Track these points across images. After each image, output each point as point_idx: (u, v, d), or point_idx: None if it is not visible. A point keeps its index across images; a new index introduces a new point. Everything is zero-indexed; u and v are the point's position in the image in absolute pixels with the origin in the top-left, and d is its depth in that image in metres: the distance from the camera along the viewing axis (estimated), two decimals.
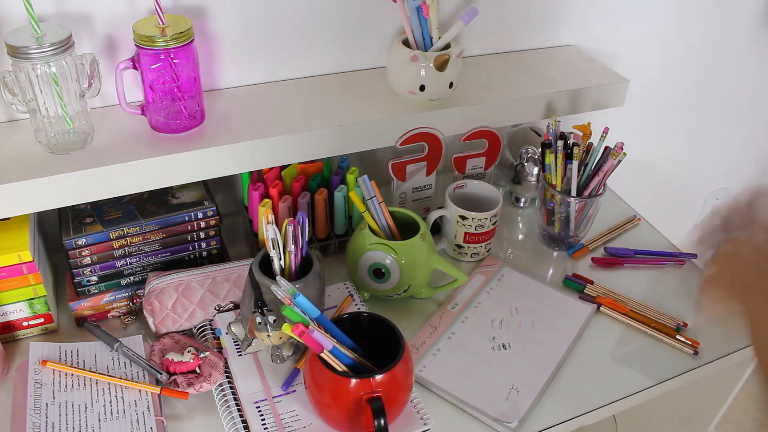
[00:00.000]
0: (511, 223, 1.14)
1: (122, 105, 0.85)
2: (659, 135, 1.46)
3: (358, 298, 0.93)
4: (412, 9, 0.93)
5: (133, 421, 0.76)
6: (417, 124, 0.97)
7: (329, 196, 0.98)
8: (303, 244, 0.81)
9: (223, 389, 0.81)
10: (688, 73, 1.38)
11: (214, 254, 0.95)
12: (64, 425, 0.75)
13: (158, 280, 0.88)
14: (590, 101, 1.09)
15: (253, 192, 0.95)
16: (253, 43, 0.95)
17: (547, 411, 0.82)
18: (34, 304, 0.85)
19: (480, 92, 1.02)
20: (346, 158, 1.01)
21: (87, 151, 0.83)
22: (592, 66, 1.14)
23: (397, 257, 0.89)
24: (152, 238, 0.89)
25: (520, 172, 1.12)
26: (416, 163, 1.02)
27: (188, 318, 0.87)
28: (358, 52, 1.03)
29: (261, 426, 0.76)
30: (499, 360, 0.87)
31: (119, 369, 0.82)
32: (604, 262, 1.05)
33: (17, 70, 0.76)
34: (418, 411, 0.79)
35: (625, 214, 1.17)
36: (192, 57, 0.84)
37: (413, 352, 0.87)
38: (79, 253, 0.85)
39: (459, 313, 0.94)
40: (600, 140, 0.98)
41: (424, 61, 0.93)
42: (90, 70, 0.81)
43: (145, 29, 0.80)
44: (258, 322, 0.78)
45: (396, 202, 1.04)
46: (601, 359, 0.89)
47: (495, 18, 1.09)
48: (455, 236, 1.01)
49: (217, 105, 0.94)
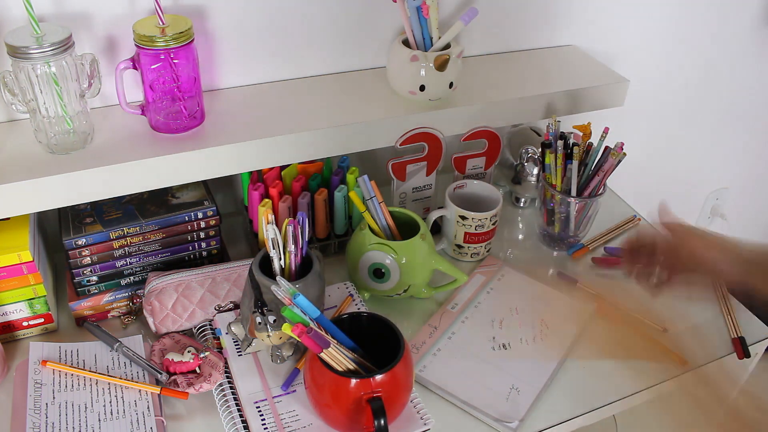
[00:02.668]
0: (511, 223, 1.14)
1: (122, 105, 0.85)
2: (659, 135, 1.46)
3: (358, 298, 0.93)
4: (412, 9, 0.93)
5: (133, 421, 0.76)
6: (417, 124, 0.97)
7: (329, 196, 0.98)
8: (303, 244, 0.81)
9: (223, 389, 0.81)
10: (688, 73, 1.38)
11: (214, 254, 0.95)
12: (64, 425, 0.75)
13: (158, 280, 0.88)
14: (590, 101, 1.09)
15: (253, 192, 0.95)
16: (253, 43, 0.95)
17: (547, 411, 0.82)
18: (34, 304, 0.85)
19: (480, 92, 1.02)
20: (346, 158, 1.01)
21: (87, 151, 0.83)
22: (592, 66, 1.14)
23: (397, 257, 0.89)
24: (152, 238, 0.89)
25: (520, 172, 1.12)
26: (416, 163, 1.02)
27: (188, 318, 0.87)
28: (358, 52, 1.03)
29: (261, 426, 0.76)
30: (499, 360, 0.87)
31: (119, 369, 0.82)
32: (604, 262, 1.05)
33: (17, 70, 0.76)
34: (418, 411, 0.79)
35: (625, 214, 1.17)
36: (192, 57, 0.84)
37: (413, 352, 0.87)
38: (79, 253, 0.85)
39: (459, 313, 0.94)
40: (600, 140, 0.98)
41: (424, 61, 0.93)
42: (90, 70, 0.81)
43: (145, 29, 0.80)
44: (258, 322, 0.78)
45: (396, 202, 1.04)
46: (601, 359, 0.89)
47: (495, 18, 1.09)
48: (455, 236, 1.01)
49: (217, 105, 0.94)
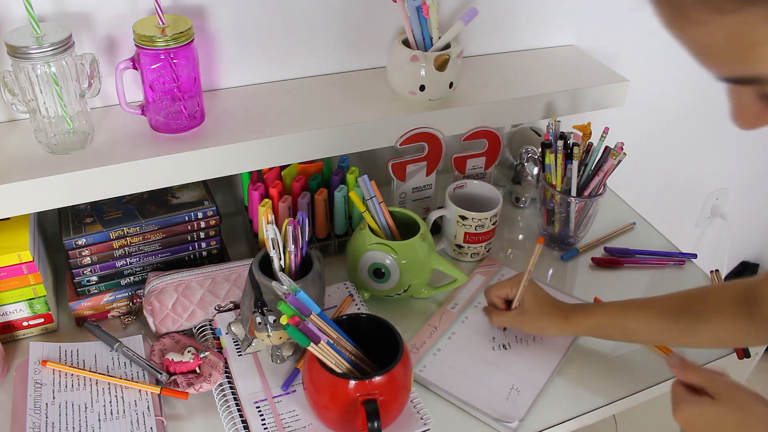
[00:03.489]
0: (511, 223, 1.14)
1: (122, 105, 0.85)
2: (659, 135, 1.46)
3: (358, 298, 0.93)
4: (412, 9, 0.93)
5: (133, 421, 0.76)
6: (417, 124, 0.97)
7: (329, 196, 0.98)
8: (303, 244, 0.81)
9: (223, 389, 0.81)
10: (688, 73, 1.38)
11: (214, 254, 0.95)
12: (64, 425, 0.75)
13: (158, 280, 0.88)
14: (590, 101, 1.09)
15: (253, 192, 0.95)
16: (253, 43, 0.95)
17: (547, 411, 0.82)
18: (34, 304, 0.85)
19: (480, 92, 1.02)
20: (346, 158, 1.01)
21: (87, 151, 0.83)
22: (592, 66, 1.14)
23: (397, 257, 0.89)
24: (152, 238, 0.89)
25: (520, 172, 1.12)
26: (416, 163, 1.02)
27: (188, 318, 0.87)
28: (358, 52, 1.03)
29: (261, 426, 0.76)
30: (499, 360, 0.87)
31: (119, 369, 0.82)
32: (604, 262, 1.05)
33: (17, 70, 0.76)
34: (418, 411, 0.79)
35: (625, 214, 1.17)
36: (192, 57, 0.84)
37: (413, 352, 0.87)
38: (79, 253, 0.85)
39: (459, 313, 0.94)
40: (600, 140, 0.98)
41: (424, 61, 0.93)
42: (90, 70, 0.81)
43: (145, 29, 0.80)
44: (258, 322, 0.78)
45: (396, 202, 1.04)
46: (601, 359, 0.89)
47: (495, 18, 1.09)
48: (455, 236, 1.01)
49: (217, 105, 0.94)
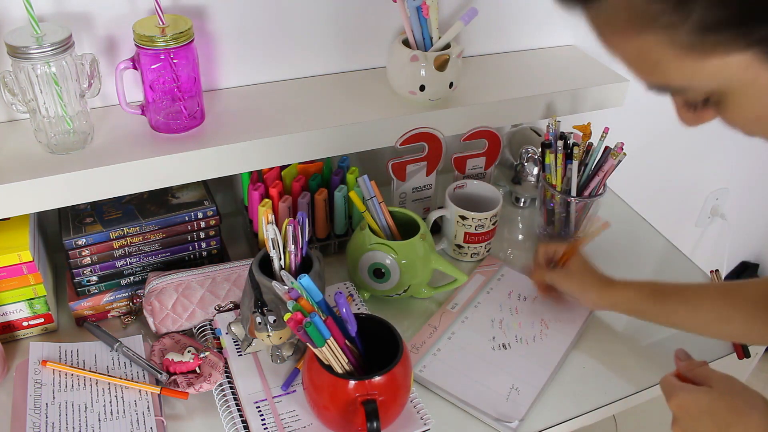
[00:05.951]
0: (511, 223, 1.14)
1: (122, 105, 0.85)
2: (659, 135, 1.46)
3: (358, 298, 0.93)
4: (412, 9, 0.93)
5: (133, 421, 0.76)
6: (417, 124, 0.97)
7: (329, 196, 0.98)
8: (303, 244, 0.81)
9: (223, 389, 0.81)
10: None
11: (214, 254, 0.95)
12: (64, 425, 0.75)
13: (158, 280, 0.88)
14: (590, 101, 1.09)
15: (253, 192, 0.95)
16: (253, 43, 0.95)
17: (547, 411, 0.82)
18: (34, 304, 0.85)
19: (480, 92, 1.02)
20: (346, 158, 1.01)
21: (87, 151, 0.83)
22: (592, 66, 1.13)
23: (397, 257, 0.89)
24: (152, 238, 0.89)
25: (520, 172, 1.12)
26: (416, 163, 1.02)
27: (188, 318, 0.87)
28: (358, 52, 1.03)
29: (261, 426, 0.76)
30: (499, 360, 0.87)
31: (119, 369, 0.82)
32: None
33: (17, 70, 0.76)
34: (418, 411, 0.79)
35: (625, 214, 1.17)
36: (192, 57, 0.84)
37: (413, 352, 0.87)
38: (79, 253, 0.85)
39: (459, 313, 0.94)
40: (600, 140, 0.98)
41: (424, 61, 0.93)
42: (90, 70, 0.81)
43: (145, 29, 0.80)
44: (258, 322, 0.78)
45: (396, 202, 1.04)
46: (601, 359, 0.89)
47: (495, 18, 1.09)
48: (455, 236, 1.01)
49: (217, 105, 0.94)
